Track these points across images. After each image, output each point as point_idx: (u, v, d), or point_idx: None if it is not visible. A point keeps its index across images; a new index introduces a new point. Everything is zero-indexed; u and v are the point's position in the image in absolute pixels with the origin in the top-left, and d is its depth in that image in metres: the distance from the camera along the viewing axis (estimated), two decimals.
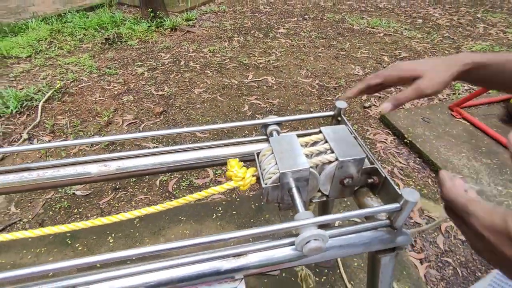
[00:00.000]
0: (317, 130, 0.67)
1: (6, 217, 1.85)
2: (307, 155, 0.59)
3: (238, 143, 0.73)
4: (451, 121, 2.54)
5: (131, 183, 2.08)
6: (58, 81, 3.04)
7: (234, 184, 0.61)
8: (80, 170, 0.69)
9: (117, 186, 2.06)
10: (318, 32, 4.47)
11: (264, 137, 0.75)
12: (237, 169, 0.62)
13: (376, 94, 3.08)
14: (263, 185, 0.57)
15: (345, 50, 3.96)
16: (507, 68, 0.54)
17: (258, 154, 0.65)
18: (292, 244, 0.53)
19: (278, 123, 0.73)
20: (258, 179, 0.62)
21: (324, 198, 0.66)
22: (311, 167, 0.57)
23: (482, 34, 4.31)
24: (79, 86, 3.06)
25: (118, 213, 1.87)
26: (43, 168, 0.68)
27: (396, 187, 0.55)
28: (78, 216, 1.88)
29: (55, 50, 3.67)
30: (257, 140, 0.74)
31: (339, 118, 0.74)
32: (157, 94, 2.99)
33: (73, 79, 3.14)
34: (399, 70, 0.63)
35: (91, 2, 5.10)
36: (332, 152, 0.59)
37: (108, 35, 3.93)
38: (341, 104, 0.73)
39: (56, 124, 2.57)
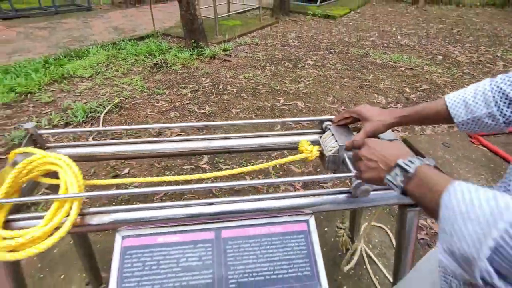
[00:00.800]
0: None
1: None
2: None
3: (303, 133, 1.03)
4: (470, 147, 2.74)
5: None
6: (115, 98, 3.52)
7: (305, 155, 0.90)
8: (192, 145, 1.01)
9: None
10: (343, 65, 4.85)
11: (320, 130, 1.05)
12: (306, 146, 0.91)
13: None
14: (326, 155, 0.86)
15: (369, 81, 4.28)
16: (421, 115, 0.79)
17: (320, 137, 0.94)
18: (349, 192, 0.80)
19: (331, 120, 1.03)
20: (321, 153, 0.91)
21: None
22: None
23: (502, 72, 4.53)
24: (133, 102, 3.52)
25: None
26: (172, 141, 1.00)
27: None
28: None
29: (111, 71, 4.22)
30: (315, 132, 1.04)
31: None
32: (199, 112, 3.39)
33: (127, 96, 3.62)
34: (354, 111, 0.87)
35: (140, 33, 5.78)
36: None
37: (156, 61, 4.47)
38: None
39: (115, 133, 2.97)
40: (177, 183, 0.91)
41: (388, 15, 8.46)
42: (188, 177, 0.99)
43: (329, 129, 0.93)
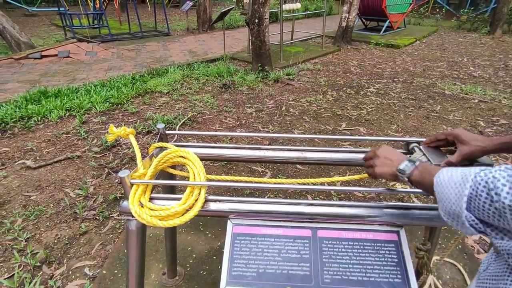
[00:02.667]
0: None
1: None
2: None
3: None
4: None
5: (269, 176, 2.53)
6: (189, 112, 3.90)
7: None
8: (286, 154, 1.13)
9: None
10: (407, 94, 4.72)
11: (404, 151, 1.10)
12: None
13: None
14: None
15: (436, 112, 4.10)
16: None
17: (410, 157, 1.00)
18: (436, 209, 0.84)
19: (418, 142, 1.08)
20: None
21: None
22: None
23: None
24: (203, 117, 3.86)
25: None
26: (267, 149, 1.14)
27: None
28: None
29: (185, 89, 4.69)
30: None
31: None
32: (263, 130, 3.58)
33: (199, 111, 3.98)
34: (451, 133, 0.91)
35: (211, 56, 6.35)
36: None
37: (225, 81, 4.86)
38: None
39: (188, 142, 3.28)
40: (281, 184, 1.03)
41: (458, 46, 8.05)
42: (291, 180, 1.11)
43: (420, 149, 0.98)
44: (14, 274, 1.80)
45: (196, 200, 0.83)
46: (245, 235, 0.85)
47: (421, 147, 0.99)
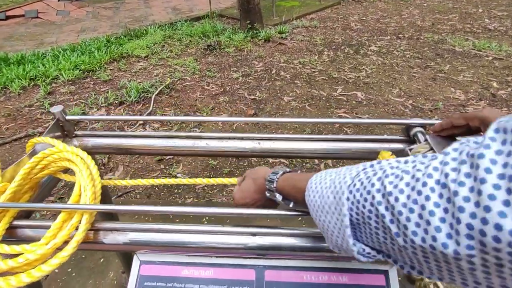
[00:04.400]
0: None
1: (123, 187, 2.19)
2: None
3: (380, 140, 0.78)
4: None
5: (224, 175, 2.26)
6: (168, 78, 3.50)
7: None
8: (238, 145, 0.82)
9: (211, 175, 2.27)
10: (413, 52, 4.25)
11: (404, 137, 0.78)
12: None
13: None
14: None
15: (445, 72, 3.68)
16: None
17: (410, 149, 0.68)
18: None
19: (423, 126, 0.75)
20: None
21: None
22: None
23: None
24: (184, 84, 3.47)
25: (210, 199, 2.05)
26: (210, 138, 0.82)
27: None
28: (177, 195, 2.13)
29: (166, 52, 4.23)
30: (396, 140, 0.78)
31: None
32: (249, 98, 3.21)
33: (179, 77, 3.58)
34: (475, 116, 0.59)
35: (196, 13, 5.74)
36: None
37: (209, 42, 4.37)
38: None
39: (164, 114, 2.95)
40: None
41: None
42: (228, 181, 0.81)
43: (426, 139, 0.66)
44: None
45: (75, 230, 0.54)
46: (157, 279, 0.57)
47: (427, 136, 0.67)
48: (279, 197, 0.54)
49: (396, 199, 0.32)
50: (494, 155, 0.27)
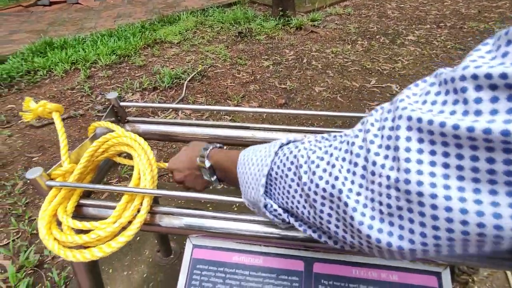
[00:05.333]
0: None
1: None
2: None
3: None
4: None
5: None
6: (200, 65, 3.54)
7: None
8: (284, 136, 0.82)
9: None
10: (455, 42, 3.99)
11: None
12: None
13: None
14: None
15: None
16: None
17: None
18: None
19: None
20: None
21: None
22: None
23: None
24: (215, 71, 3.50)
25: None
26: (257, 129, 0.83)
27: None
28: None
29: (198, 38, 4.26)
30: None
31: None
32: (279, 87, 3.19)
33: (210, 64, 3.61)
34: None
35: None
36: None
37: (240, 29, 4.35)
38: None
39: (196, 101, 3.01)
40: None
41: None
42: None
43: None
44: (9, 242, 1.75)
45: (137, 212, 0.57)
46: (208, 263, 0.60)
47: None
48: (208, 164, 0.56)
49: (313, 152, 0.36)
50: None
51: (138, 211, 0.58)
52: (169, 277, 1.54)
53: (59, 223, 0.58)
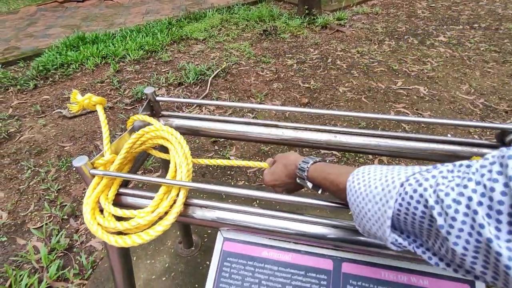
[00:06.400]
0: None
1: None
2: None
3: (468, 144, 0.73)
4: None
5: None
6: (224, 62, 3.58)
7: None
8: (313, 136, 0.83)
9: (262, 160, 2.31)
10: (489, 44, 3.81)
11: (495, 142, 0.73)
12: None
13: None
14: None
15: None
16: None
17: (503, 157, 0.63)
18: None
19: None
20: None
21: None
22: None
23: None
24: (239, 68, 3.53)
25: (260, 184, 2.10)
26: (286, 127, 0.84)
27: None
28: (230, 177, 2.22)
29: (223, 36, 4.31)
30: (487, 145, 0.73)
31: None
32: (303, 86, 3.17)
33: (234, 62, 3.64)
34: None
35: None
36: None
37: (265, 27, 4.35)
38: None
39: (220, 97, 3.05)
40: None
41: None
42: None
43: None
44: (43, 225, 1.86)
45: (173, 203, 0.60)
46: (239, 256, 0.62)
47: None
48: (309, 185, 0.59)
49: (447, 194, 0.35)
50: None
51: (174, 202, 0.60)
52: (190, 268, 1.59)
53: (101, 210, 0.62)
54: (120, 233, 0.59)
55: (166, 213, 0.59)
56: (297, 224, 0.59)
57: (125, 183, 0.75)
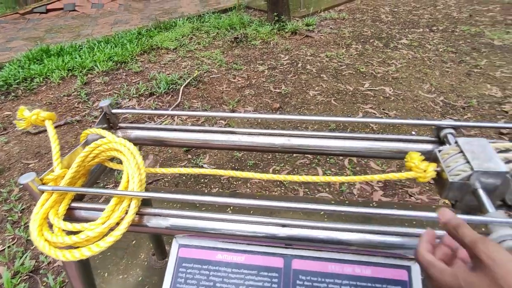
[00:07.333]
0: (506, 140, 0.67)
1: (152, 175, 2.31)
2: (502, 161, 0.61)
3: (408, 140, 0.79)
4: None
5: (248, 167, 2.32)
6: (195, 71, 3.59)
7: (414, 175, 0.67)
8: (268, 141, 0.86)
9: (236, 167, 2.33)
10: (447, 46, 4.06)
11: (434, 138, 0.79)
12: (418, 162, 0.67)
13: None
14: (450, 180, 0.62)
15: (480, 68, 3.50)
16: None
17: (439, 151, 0.69)
18: None
19: (455, 127, 0.75)
20: (438, 174, 0.67)
21: (504, 209, 0.66)
22: (508, 172, 0.58)
23: None
24: (211, 76, 3.55)
25: (234, 190, 2.12)
26: (242, 133, 0.87)
27: None
28: (203, 185, 2.22)
29: (194, 44, 4.32)
30: (426, 140, 0.79)
31: None
32: (274, 91, 3.23)
33: (206, 70, 3.66)
34: None
35: (224, 5, 5.77)
36: None
37: (236, 35, 4.41)
38: None
39: (192, 106, 3.04)
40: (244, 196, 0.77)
41: None
42: (253, 175, 0.86)
43: (456, 142, 0.67)
44: (5, 249, 1.77)
45: (125, 213, 0.61)
46: (194, 261, 0.63)
47: (458, 139, 0.67)
48: None
49: None
50: None
51: (127, 212, 0.61)
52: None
53: (51, 226, 0.61)
54: (71, 247, 0.59)
55: (118, 223, 0.59)
56: (249, 226, 0.61)
57: (80, 197, 0.74)
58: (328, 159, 2.38)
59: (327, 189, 2.11)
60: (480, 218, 0.54)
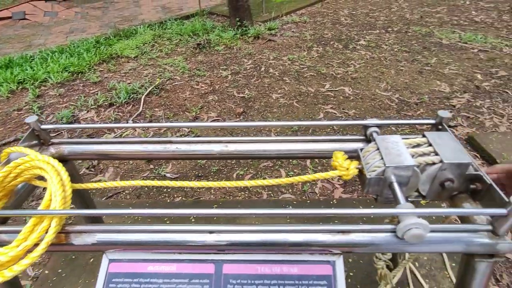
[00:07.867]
0: (419, 135, 0.72)
1: (113, 189, 2.23)
2: (411, 155, 0.65)
3: (338, 140, 0.82)
4: None
5: (212, 174, 2.31)
6: (157, 79, 3.53)
7: (338, 174, 0.70)
8: (206, 148, 0.86)
9: (200, 174, 2.31)
10: (401, 46, 4.29)
11: (362, 137, 0.83)
12: (342, 161, 0.71)
13: (465, 113, 2.86)
14: (368, 176, 0.65)
15: (431, 65, 3.73)
16: None
17: (361, 149, 0.73)
18: (393, 231, 0.60)
19: (378, 126, 0.80)
20: (360, 171, 0.70)
21: (420, 199, 0.71)
22: (415, 165, 0.63)
23: None
24: (173, 84, 3.50)
25: (198, 198, 2.10)
26: (180, 142, 0.87)
27: (502, 194, 0.58)
28: (166, 194, 2.17)
29: (156, 52, 4.24)
30: (355, 139, 0.83)
31: (440, 127, 0.78)
32: (238, 96, 3.25)
33: (168, 77, 3.60)
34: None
35: (186, 11, 5.73)
36: (436, 154, 0.64)
37: (199, 41, 4.39)
38: (444, 113, 0.77)
39: (154, 115, 2.98)
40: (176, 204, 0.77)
41: None
42: (188, 184, 0.86)
43: (375, 140, 0.71)
44: None
45: (45, 233, 0.58)
46: (124, 275, 0.62)
47: (376, 137, 0.72)
48: None
49: None
50: None
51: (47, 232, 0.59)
52: None
53: None
54: None
55: (37, 245, 0.57)
56: (177, 235, 0.61)
57: (3, 220, 0.70)
58: (290, 161, 2.42)
59: (290, 190, 2.15)
60: (391, 211, 0.58)
